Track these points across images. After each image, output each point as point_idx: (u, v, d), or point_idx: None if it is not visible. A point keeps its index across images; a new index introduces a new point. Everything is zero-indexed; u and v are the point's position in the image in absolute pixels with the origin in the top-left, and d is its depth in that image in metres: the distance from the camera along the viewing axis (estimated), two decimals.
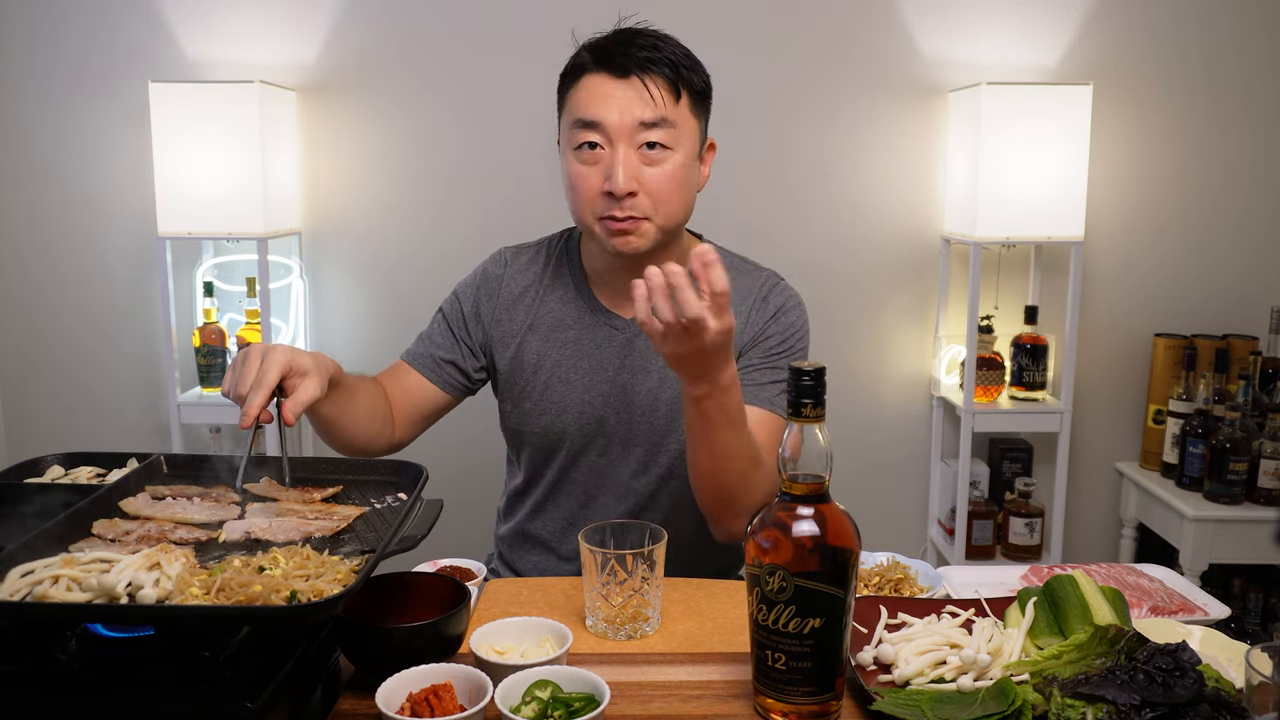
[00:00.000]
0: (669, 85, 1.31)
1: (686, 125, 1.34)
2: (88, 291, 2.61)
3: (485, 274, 1.52)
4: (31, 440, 2.63)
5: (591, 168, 1.32)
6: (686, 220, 1.40)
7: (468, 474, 2.30)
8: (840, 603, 0.92)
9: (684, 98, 1.33)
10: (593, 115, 1.30)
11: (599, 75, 1.32)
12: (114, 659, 0.92)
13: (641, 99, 1.30)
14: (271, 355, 1.13)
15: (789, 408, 0.93)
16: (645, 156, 1.31)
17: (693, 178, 1.37)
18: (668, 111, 1.31)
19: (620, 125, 1.30)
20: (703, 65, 1.38)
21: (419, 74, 2.54)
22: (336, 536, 1.08)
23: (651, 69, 1.31)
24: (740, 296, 1.44)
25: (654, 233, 1.34)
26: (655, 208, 1.32)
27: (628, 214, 1.31)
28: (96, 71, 2.52)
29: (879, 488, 2.72)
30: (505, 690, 0.91)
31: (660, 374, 1.44)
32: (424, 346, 1.51)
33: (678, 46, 1.35)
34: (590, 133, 1.31)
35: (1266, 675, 0.82)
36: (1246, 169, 2.61)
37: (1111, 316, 2.65)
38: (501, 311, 1.48)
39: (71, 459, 1.31)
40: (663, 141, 1.30)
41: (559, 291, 1.47)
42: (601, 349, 1.44)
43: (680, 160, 1.33)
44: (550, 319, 1.46)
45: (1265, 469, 2.32)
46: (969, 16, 2.53)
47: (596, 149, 1.31)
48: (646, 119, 1.29)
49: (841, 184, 2.60)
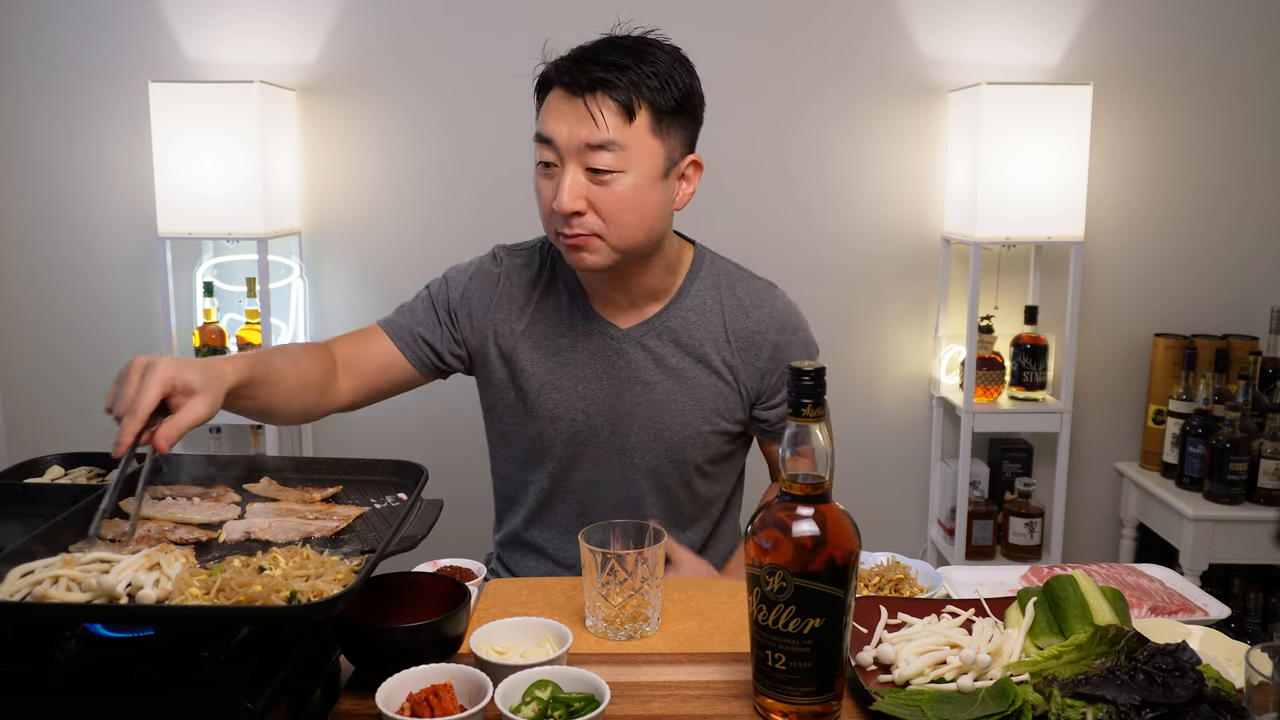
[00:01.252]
0: (619, 107, 1.26)
1: (642, 147, 1.28)
2: (88, 291, 2.61)
3: (481, 269, 1.48)
4: (31, 440, 2.63)
5: (549, 182, 1.31)
6: (653, 239, 1.35)
7: (468, 474, 2.29)
8: (840, 603, 0.92)
9: (640, 118, 1.27)
10: (547, 132, 1.29)
11: (557, 91, 1.30)
12: (114, 659, 0.92)
13: (586, 121, 1.26)
14: (152, 373, 1.02)
15: (789, 407, 0.93)
16: (593, 176, 1.28)
17: (654, 198, 1.31)
18: (614, 134, 1.26)
19: (568, 144, 1.27)
20: (684, 80, 1.31)
21: (419, 74, 2.54)
22: (336, 536, 1.08)
23: (602, 89, 1.26)
24: (751, 327, 1.44)
25: (608, 250, 1.31)
26: (606, 226, 1.29)
27: (575, 231, 1.29)
28: (96, 71, 2.52)
29: (879, 488, 2.72)
30: (505, 690, 0.91)
31: (652, 383, 1.43)
32: (404, 319, 1.46)
33: (655, 61, 1.29)
34: (546, 149, 1.30)
35: (1266, 675, 0.82)
36: (1246, 169, 2.60)
37: (1111, 316, 2.66)
38: (496, 311, 1.45)
39: (71, 459, 1.31)
40: (608, 166, 1.27)
41: (553, 298, 1.45)
42: (595, 357, 1.43)
43: (632, 181, 1.28)
44: (544, 325, 1.44)
45: (1265, 469, 2.32)
46: (969, 16, 2.53)
47: (551, 166, 1.30)
48: (591, 141, 1.26)
49: (842, 184, 2.60)
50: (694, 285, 1.45)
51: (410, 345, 1.44)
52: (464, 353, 1.47)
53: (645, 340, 1.43)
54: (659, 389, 1.43)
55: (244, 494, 1.20)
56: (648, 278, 1.41)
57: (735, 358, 1.44)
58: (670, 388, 1.43)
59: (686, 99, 1.32)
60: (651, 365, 1.42)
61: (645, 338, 1.43)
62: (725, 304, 1.45)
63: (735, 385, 1.45)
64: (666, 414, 1.43)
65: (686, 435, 1.44)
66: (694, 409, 1.43)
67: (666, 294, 1.44)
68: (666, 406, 1.43)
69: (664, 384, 1.42)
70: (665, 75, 1.29)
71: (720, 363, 1.44)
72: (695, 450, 1.45)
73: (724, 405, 1.45)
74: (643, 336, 1.43)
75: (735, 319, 1.45)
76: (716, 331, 1.44)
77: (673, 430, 1.43)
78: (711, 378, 1.44)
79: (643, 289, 1.42)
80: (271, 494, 1.19)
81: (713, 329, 1.44)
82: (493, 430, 1.52)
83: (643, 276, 1.40)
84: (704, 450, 1.46)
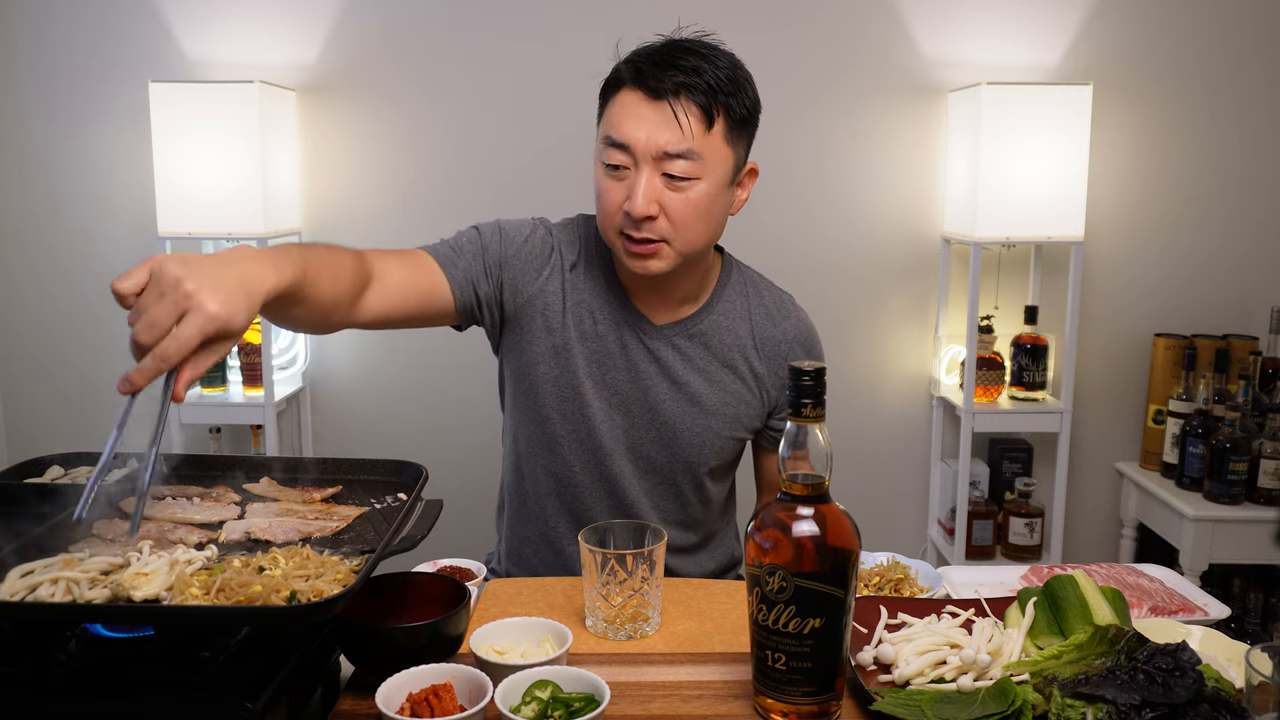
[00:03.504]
0: (701, 113, 1.26)
1: (717, 154, 1.29)
2: (88, 291, 2.60)
3: (535, 234, 1.42)
4: (32, 440, 2.63)
5: (617, 183, 1.29)
6: (711, 244, 1.37)
7: (468, 474, 2.30)
8: (840, 603, 0.92)
9: (718, 125, 1.28)
10: (621, 136, 1.27)
11: (634, 93, 1.28)
12: (114, 659, 0.92)
13: (670, 126, 1.25)
14: (195, 312, 0.84)
15: (789, 408, 0.93)
16: (669, 182, 1.28)
17: (720, 204, 1.32)
18: (694, 143, 1.26)
19: (646, 149, 1.26)
20: (751, 87, 1.32)
21: (419, 74, 2.54)
22: (336, 536, 1.08)
23: (686, 94, 1.25)
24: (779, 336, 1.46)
25: (673, 256, 1.32)
26: (675, 232, 1.29)
27: (644, 235, 1.29)
28: (96, 71, 2.52)
29: (879, 488, 2.72)
30: (505, 690, 0.91)
31: (681, 382, 1.42)
32: (456, 256, 1.37)
33: (725, 68, 1.29)
34: (618, 153, 1.28)
35: (1266, 675, 0.82)
36: (1246, 169, 2.60)
37: (1111, 316, 2.66)
38: (548, 282, 1.40)
39: (71, 459, 1.31)
40: (685, 173, 1.27)
41: (591, 282, 1.42)
42: (627, 349, 1.41)
43: (705, 189, 1.29)
44: (583, 307, 1.41)
45: (1265, 469, 2.32)
46: (969, 16, 2.53)
47: (621, 169, 1.29)
48: (671, 150, 1.26)
49: (842, 184, 2.60)
50: (725, 292, 1.46)
51: (462, 287, 1.36)
52: (499, 315, 1.41)
53: (677, 340, 1.42)
54: (687, 389, 1.42)
55: (244, 494, 1.20)
56: (687, 282, 1.41)
57: (762, 365, 1.45)
58: (699, 389, 1.43)
59: (755, 107, 1.34)
60: (681, 364, 1.42)
61: (677, 337, 1.43)
62: (753, 311, 1.46)
63: (759, 392, 1.46)
64: (691, 415, 1.43)
65: (707, 438, 1.44)
66: (718, 413, 1.44)
67: (699, 298, 1.44)
68: (692, 407, 1.43)
69: (693, 384, 1.42)
70: (739, 81, 1.30)
71: (747, 369, 1.45)
72: (711, 454, 1.45)
73: (745, 412, 1.46)
74: (675, 336, 1.42)
75: (763, 327, 1.46)
76: (744, 338, 1.45)
77: (694, 431, 1.43)
78: (738, 383, 1.45)
79: (679, 292, 1.42)
80: (271, 494, 1.19)
81: (741, 336, 1.45)
82: (515, 400, 1.47)
83: (683, 280, 1.41)
84: (719, 454, 1.46)
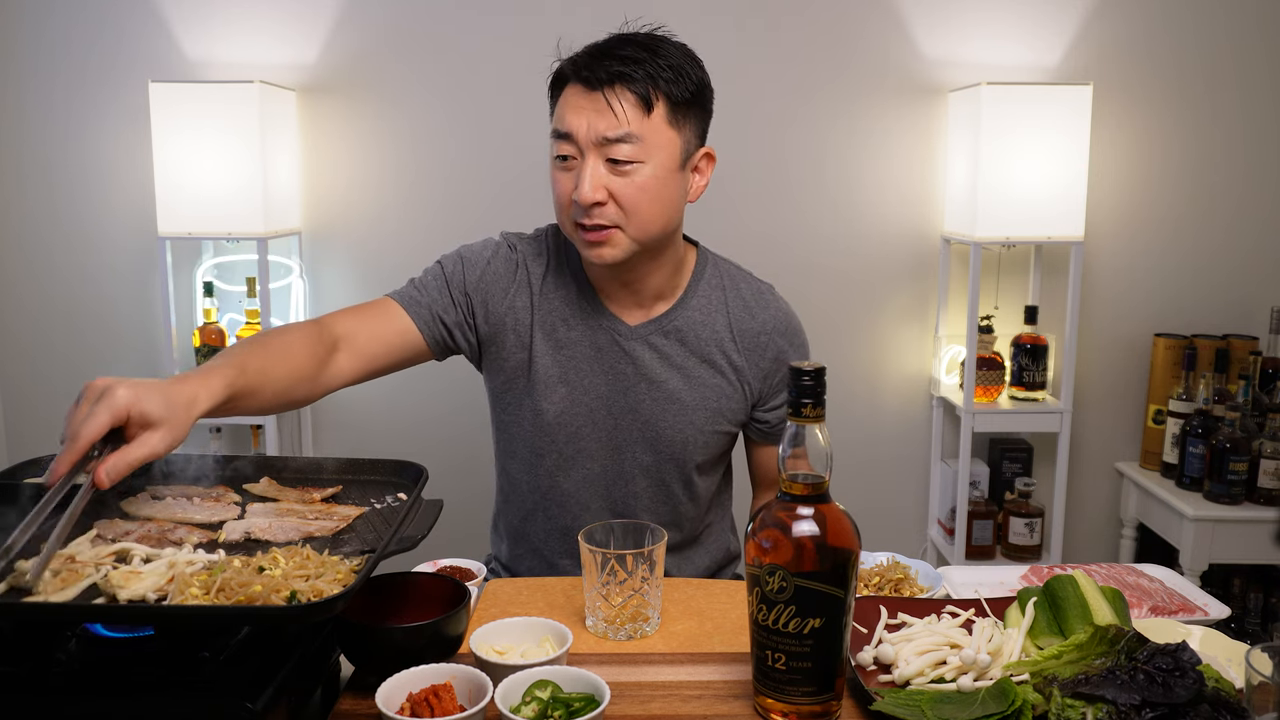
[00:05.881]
0: (637, 99, 1.29)
1: (659, 137, 1.31)
2: (88, 291, 2.61)
3: (498, 254, 1.46)
4: (32, 440, 2.63)
5: (567, 174, 1.33)
6: (668, 231, 1.37)
7: (468, 474, 2.30)
8: (840, 603, 0.92)
9: (659, 109, 1.30)
10: (564, 127, 1.31)
11: (574, 86, 1.32)
12: (114, 659, 0.92)
13: (605, 114, 1.29)
14: (106, 399, 0.92)
15: (789, 407, 0.93)
16: (613, 168, 1.30)
17: (672, 189, 1.34)
18: (633, 127, 1.29)
19: (587, 136, 1.29)
20: (696, 72, 1.34)
21: (419, 74, 2.54)
22: (336, 536, 1.08)
23: (620, 83, 1.28)
24: (757, 327, 1.46)
25: (627, 243, 1.33)
26: (626, 217, 1.31)
27: (596, 222, 1.31)
28: (96, 71, 2.52)
29: (879, 488, 2.72)
30: (505, 690, 0.91)
31: (659, 381, 1.43)
32: (420, 295, 1.43)
33: (669, 55, 1.32)
34: (564, 144, 1.32)
35: (1266, 675, 0.82)
36: (1246, 169, 2.60)
37: (1111, 316, 2.66)
38: (516, 298, 1.44)
39: None
40: (628, 157, 1.29)
41: (562, 290, 1.45)
42: (602, 352, 1.43)
43: (651, 172, 1.31)
44: (554, 316, 1.44)
45: (1265, 469, 2.32)
46: (969, 16, 2.53)
47: (569, 159, 1.32)
48: (610, 135, 1.29)
49: (842, 184, 2.60)
50: (699, 286, 1.46)
51: (428, 323, 1.41)
52: (474, 338, 1.45)
53: (652, 338, 1.43)
54: (665, 387, 1.43)
55: (244, 494, 1.20)
56: (656, 277, 1.42)
57: (741, 357, 1.45)
58: (676, 386, 1.43)
59: (700, 91, 1.36)
60: (658, 363, 1.43)
61: (652, 336, 1.43)
62: (730, 304, 1.46)
63: (740, 385, 1.46)
64: (671, 413, 1.43)
65: (689, 434, 1.44)
66: (699, 408, 1.44)
67: (673, 294, 1.45)
68: (672, 405, 1.43)
69: (670, 382, 1.43)
70: (679, 68, 1.32)
71: (726, 363, 1.45)
72: (696, 450, 1.45)
73: (727, 405, 1.46)
74: (650, 335, 1.43)
75: (740, 319, 1.46)
76: (722, 332, 1.45)
77: (676, 429, 1.43)
78: (717, 378, 1.45)
79: (651, 289, 1.43)
80: (271, 494, 1.19)
81: (718, 329, 1.45)
82: (498, 419, 1.51)
83: (652, 276, 1.41)
84: (704, 450, 1.46)
